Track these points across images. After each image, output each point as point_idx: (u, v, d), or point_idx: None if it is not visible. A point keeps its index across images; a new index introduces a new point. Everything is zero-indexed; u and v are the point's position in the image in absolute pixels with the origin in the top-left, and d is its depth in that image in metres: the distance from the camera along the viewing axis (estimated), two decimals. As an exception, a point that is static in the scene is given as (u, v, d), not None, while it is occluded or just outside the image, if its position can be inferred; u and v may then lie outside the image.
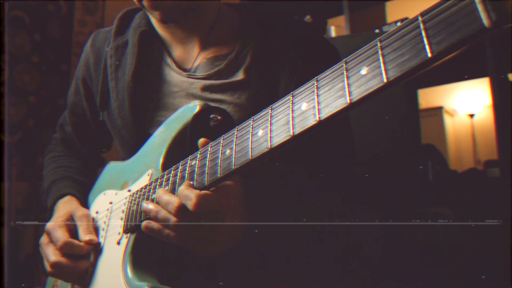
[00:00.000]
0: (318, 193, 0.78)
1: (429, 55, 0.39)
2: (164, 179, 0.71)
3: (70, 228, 0.83)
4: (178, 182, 0.67)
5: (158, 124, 0.84)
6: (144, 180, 0.78)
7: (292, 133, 0.50)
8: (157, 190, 0.68)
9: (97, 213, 0.88)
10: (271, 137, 0.53)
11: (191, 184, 0.64)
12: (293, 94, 0.53)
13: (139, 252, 0.73)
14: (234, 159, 0.58)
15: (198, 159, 0.65)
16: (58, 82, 2.30)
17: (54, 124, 1.14)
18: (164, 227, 0.65)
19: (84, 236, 0.80)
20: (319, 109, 0.48)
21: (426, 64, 0.39)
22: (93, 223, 0.86)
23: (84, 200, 0.94)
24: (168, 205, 0.63)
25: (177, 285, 0.71)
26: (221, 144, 0.62)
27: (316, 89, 0.49)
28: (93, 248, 0.81)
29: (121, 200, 0.82)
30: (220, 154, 0.61)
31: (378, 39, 0.44)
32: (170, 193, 0.67)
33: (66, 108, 1.09)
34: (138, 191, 0.77)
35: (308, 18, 2.34)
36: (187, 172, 0.67)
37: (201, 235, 0.64)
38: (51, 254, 0.79)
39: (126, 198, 0.80)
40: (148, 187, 0.75)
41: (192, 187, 0.63)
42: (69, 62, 2.35)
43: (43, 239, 0.83)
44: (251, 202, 0.68)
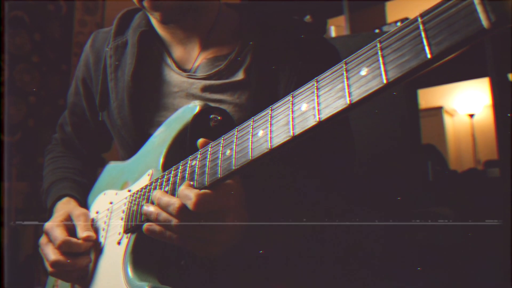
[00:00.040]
0: (318, 193, 0.78)
1: (429, 56, 0.39)
2: (165, 179, 0.71)
3: (69, 227, 0.83)
4: (178, 182, 0.67)
5: (158, 125, 0.84)
6: (145, 180, 0.78)
7: (292, 134, 0.51)
8: (155, 192, 0.68)
9: (97, 213, 0.88)
10: (271, 138, 0.53)
11: (191, 184, 0.64)
12: (293, 94, 0.53)
13: (140, 252, 0.73)
14: (234, 160, 0.58)
15: (198, 159, 0.66)
16: (58, 82, 2.30)
17: (54, 124, 1.14)
18: (166, 229, 0.65)
19: (82, 234, 0.80)
20: (319, 110, 0.48)
21: (426, 65, 0.39)
22: (93, 223, 0.86)
23: (83, 201, 0.94)
24: (169, 206, 0.63)
25: (177, 285, 0.71)
26: (222, 145, 0.62)
27: (316, 90, 0.49)
28: (92, 245, 0.81)
29: (122, 200, 0.82)
30: (221, 154, 0.61)
31: (378, 40, 0.44)
32: (169, 194, 0.67)
33: (66, 108, 1.09)
34: (138, 191, 0.77)
35: (308, 18, 2.34)
36: (187, 172, 0.67)
37: (201, 235, 0.64)
38: (50, 253, 0.79)
39: (126, 198, 0.80)
40: (148, 187, 0.75)
41: (192, 187, 0.63)
42: (69, 62, 2.35)
43: (42, 239, 0.83)
44: (251, 202, 0.69)
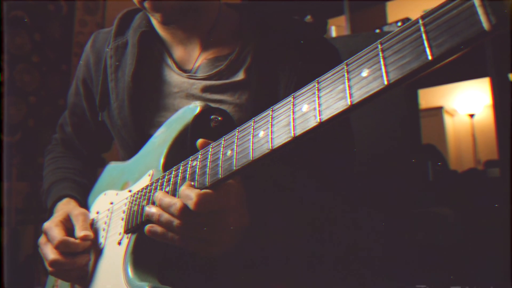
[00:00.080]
0: (318, 193, 0.78)
1: (430, 57, 0.39)
2: (165, 180, 0.71)
3: (68, 227, 0.83)
4: (179, 182, 0.67)
5: (158, 125, 0.84)
6: (145, 181, 0.78)
7: (293, 135, 0.51)
8: (157, 193, 0.68)
9: (97, 213, 0.88)
10: (272, 138, 0.53)
11: (192, 184, 0.64)
12: (294, 95, 0.53)
13: (140, 252, 0.73)
14: (235, 160, 0.58)
15: (199, 159, 0.66)
16: (58, 82, 2.30)
17: (54, 124, 1.14)
18: (168, 230, 0.65)
19: (79, 233, 0.80)
20: (320, 111, 0.48)
21: (427, 67, 0.39)
22: (94, 223, 0.87)
23: (83, 202, 0.94)
24: (171, 207, 0.63)
25: (177, 285, 0.71)
26: (223, 145, 0.62)
27: (317, 91, 0.50)
28: (90, 245, 0.81)
29: (122, 200, 0.82)
30: (221, 155, 0.61)
31: (379, 41, 0.44)
32: (170, 195, 0.67)
33: (66, 109, 1.09)
34: (139, 191, 0.77)
35: (308, 18, 2.34)
36: (188, 172, 0.67)
37: (203, 236, 0.64)
38: (49, 253, 0.79)
39: (127, 198, 0.80)
40: (149, 188, 0.75)
41: (193, 187, 0.63)
42: (69, 62, 2.35)
43: (41, 239, 0.83)
44: (252, 202, 0.69)
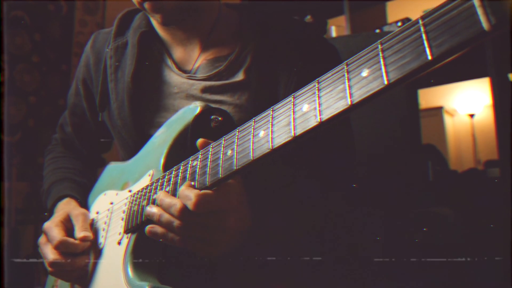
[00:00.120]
0: (318, 193, 0.78)
1: (430, 57, 0.39)
2: (165, 180, 0.71)
3: (68, 227, 0.83)
4: (179, 182, 0.67)
5: (158, 125, 0.84)
6: (145, 181, 0.78)
7: (293, 134, 0.51)
8: (158, 192, 0.68)
9: (97, 213, 0.88)
10: (272, 138, 0.53)
11: (192, 184, 0.64)
12: (294, 95, 0.53)
13: (140, 252, 0.73)
14: (235, 160, 0.58)
15: (199, 159, 0.66)
16: (58, 82, 2.30)
17: (54, 124, 1.14)
18: (168, 231, 0.65)
19: (79, 234, 0.80)
20: (320, 111, 0.48)
21: (427, 67, 0.39)
22: (94, 223, 0.87)
23: (83, 201, 0.94)
24: (171, 207, 0.63)
25: (177, 285, 0.71)
26: (223, 145, 0.62)
27: (317, 91, 0.50)
28: (89, 245, 0.81)
29: (122, 200, 0.82)
30: (222, 154, 0.61)
31: (379, 41, 0.44)
32: (171, 195, 0.67)
33: (66, 109, 1.09)
34: (139, 191, 0.77)
35: (308, 18, 2.34)
36: (188, 172, 0.67)
37: (203, 236, 0.64)
38: (49, 253, 0.80)
39: (127, 198, 0.81)
40: (149, 188, 0.75)
41: (192, 187, 0.63)
42: (69, 62, 2.35)
43: (41, 239, 0.83)
44: (252, 201, 0.69)
